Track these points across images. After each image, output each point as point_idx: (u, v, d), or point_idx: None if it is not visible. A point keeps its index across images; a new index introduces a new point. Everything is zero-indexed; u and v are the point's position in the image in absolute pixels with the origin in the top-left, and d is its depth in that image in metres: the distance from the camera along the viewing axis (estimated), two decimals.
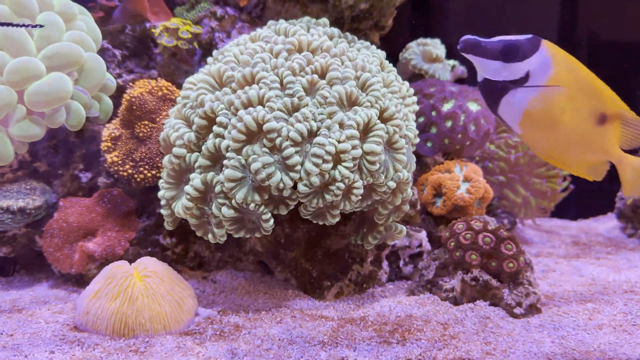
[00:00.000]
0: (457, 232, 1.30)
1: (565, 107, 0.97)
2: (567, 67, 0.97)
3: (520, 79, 0.97)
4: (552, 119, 0.98)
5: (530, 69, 0.97)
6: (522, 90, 0.97)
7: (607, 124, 1.00)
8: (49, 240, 1.35)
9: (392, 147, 1.18)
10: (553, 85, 0.96)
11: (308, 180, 1.10)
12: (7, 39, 1.24)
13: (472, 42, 0.96)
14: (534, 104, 0.97)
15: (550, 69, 0.96)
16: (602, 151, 1.01)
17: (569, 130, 0.99)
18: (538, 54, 0.96)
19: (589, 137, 1.00)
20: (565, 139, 1.00)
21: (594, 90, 0.98)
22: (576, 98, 0.97)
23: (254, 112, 1.11)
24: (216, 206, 1.15)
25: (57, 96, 1.23)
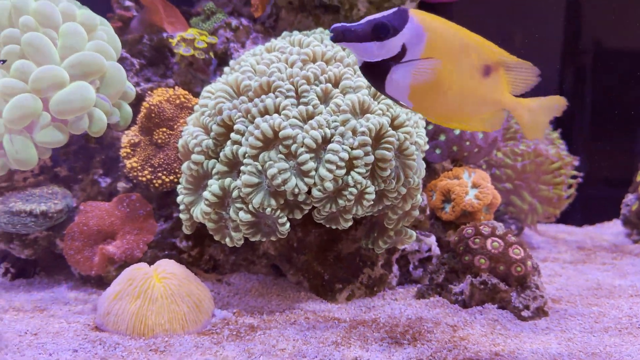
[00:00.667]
0: (466, 236, 1.33)
1: (447, 70, 0.96)
2: (439, 30, 0.96)
3: (398, 54, 0.95)
4: (439, 85, 0.97)
5: (405, 42, 0.94)
6: (403, 64, 0.95)
7: (492, 74, 0.99)
8: (69, 243, 1.38)
9: (402, 154, 1.21)
10: (427, 59, 0.94)
11: (322, 186, 1.13)
12: (32, 48, 1.28)
13: (342, 30, 0.93)
14: (417, 76, 0.96)
15: (423, 36, 0.94)
16: (495, 102, 1.00)
17: (457, 90, 0.98)
18: (409, 26, 0.94)
19: (479, 92, 0.99)
20: (456, 100, 0.99)
21: (471, 45, 0.97)
22: (455, 57, 0.96)
23: (270, 120, 1.14)
24: (234, 211, 1.18)
25: (80, 104, 1.27)
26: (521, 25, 2.29)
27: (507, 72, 0.99)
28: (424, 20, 0.94)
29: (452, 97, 0.98)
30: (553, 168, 1.68)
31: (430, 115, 1.05)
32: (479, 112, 1.02)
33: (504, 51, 0.99)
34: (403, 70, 0.95)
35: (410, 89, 0.97)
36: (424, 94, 0.98)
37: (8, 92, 1.25)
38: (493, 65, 0.98)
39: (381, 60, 0.94)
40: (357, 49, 0.95)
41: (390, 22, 0.93)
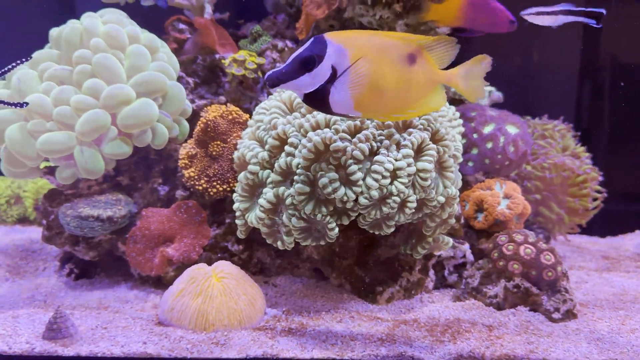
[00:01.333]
0: (500, 243, 1.41)
1: (376, 72, 1.03)
2: (357, 42, 1.03)
3: (330, 76, 1.02)
4: (375, 88, 1.04)
5: (332, 63, 1.02)
6: (338, 83, 1.03)
7: (417, 59, 1.07)
8: (132, 246, 1.49)
9: (441, 166, 1.30)
10: (354, 65, 1.02)
11: (368, 194, 1.22)
12: (102, 67, 1.40)
13: (275, 76, 1.01)
14: (354, 88, 1.04)
15: (346, 52, 1.02)
16: (429, 82, 1.08)
17: (393, 86, 1.06)
18: (330, 48, 1.01)
19: (412, 79, 1.07)
20: (396, 94, 1.07)
21: (389, 43, 1.05)
22: (380, 59, 1.04)
23: (322, 134, 1.24)
24: (287, 217, 1.28)
25: (145, 120, 1.38)
26: (541, 39, 2.36)
27: (431, 52, 1.08)
28: (341, 38, 1.03)
29: (391, 93, 1.07)
30: (579, 181, 1.75)
31: (379, 116, 1.14)
32: (419, 96, 1.10)
33: (420, 36, 1.08)
34: (340, 88, 1.04)
35: (353, 101, 1.06)
36: (366, 101, 1.06)
37: (81, 107, 1.37)
38: (415, 51, 1.07)
39: (318, 87, 1.03)
40: (294, 86, 1.03)
41: (312, 52, 1.01)
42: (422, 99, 1.11)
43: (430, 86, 1.10)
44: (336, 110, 1.07)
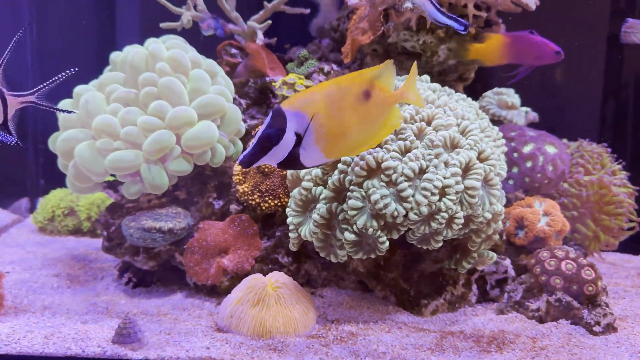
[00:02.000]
0: (542, 259, 1.45)
1: (337, 120, 1.09)
2: (312, 101, 1.08)
3: (296, 140, 1.08)
4: (340, 135, 1.11)
5: (295, 129, 1.07)
6: (304, 144, 1.09)
7: (372, 93, 1.12)
8: (190, 257, 1.57)
9: (488, 184, 1.35)
10: (314, 123, 1.07)
11: (418, 210, 1.28)
12: (168, 90, 1.49)
13: (246, 159, 1.07)
14: (320, 143, 1.09)
15: (304, 115, 1.07)
16: (387, 107, 1.15)
17: (356, 126, 1.12)
18: (289, 118, 1.06)
19: (372, 112, 1.13)
20: (361, 132, 1.13)
21: (342, 88, 1.10)
22: (338, 107, 1.09)
23: (374, 153, 1.30)
24: (339, 231, 1.34)
25: (207, 140, 1.47)
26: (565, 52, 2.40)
27: (380, 79, 1.14)
28: (298, 104, 1.08)
29: (356, 132, 1.14)
30: (615, 200, 1.78)
31: (350, 154, 1.21)
32: (381, 126, 1.17)
33: (368, 69, 1.14)
34: (307, 148, 1.10)
35: (323, 153, 1.12)
36: (335, 148, 1.13)
37: (148, 127, 1.45)
38: (368, 87, 1.13)
39: (289, 153, 1.09)
40: (267, 161, 1.09)
41: (274, 128, 1.07)
42: (383, 125, 1.18)
43: (387, 110, 1.17)
44: (310, 165, 1.14)
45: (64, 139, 1.51)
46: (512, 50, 1.60)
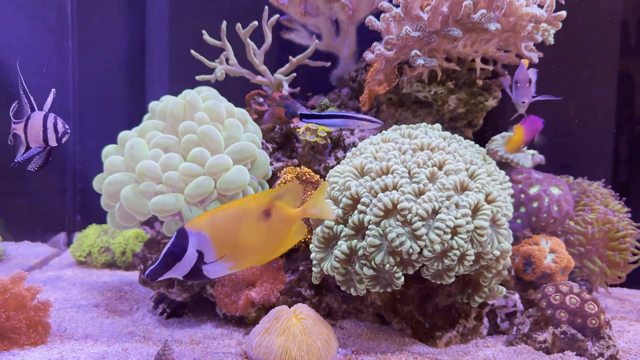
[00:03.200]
0: (548, 294, 1.52)
1: (237, 239, 1.18)
2: (213, 223, 1.17)
3: (198, 257, 1.16)
4: (241, 251, 1.19)
5: (197, 247, 1.15)
6: (207, 260, 1.17)
7: (272, 212, 1.22)
8: (220, 289, 1.67)
9: (495, 224, 1.44)
10: (215, 243, 1.16)
11: (432, 248, 1.37)
12: (207, 137, 1.62)
13: (152, 272, 1.14)
14: (222, 258, 1.18)
15: (205, 235, 1.16)
16: (289, 223, 1.24)
17: (257, 243, 1.21)
18: (191, 237, 1.15)
19: (272, 229, 1.22)
20: (263, 247, 1.23)
21: (242, 209, 1.19)
22: (237, 228, 1.18)
23: (390, 195, 1.41)
24: (359, 266, 1.43)
25: (240, 184, 1.58)
26: (575, 91, 2.49)
27: (283, 198, 1.24)
28: (201, 224, 1.17)
29: (257, 248, 1.22)
30: (619, 236, 1.85)
31: (255, 264, 1.28)
32: (283, 237, 1.26)
33: (270, 190, 1.25)
34: (210, 263, 1.18)
35: (226, 266, 1.20)
36: (238, 262, 1.21)
37: (189, 174, 1.58)
38: (268, 206, 1.22)
39: (191, 268, 1.17)
40: (172, 275, 1.17)
41: (177, 247, 1.15)
42: (287, 237, 1.27)
43: (290, 226, 1.26)
44: (214, 277, 1.22)
45: (109, 181, 1.64)
46: (527, 137, 1.86)
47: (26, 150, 1.44)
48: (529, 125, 1.85)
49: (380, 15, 1.73)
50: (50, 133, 1.41)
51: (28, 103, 1.44)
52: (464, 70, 1.78)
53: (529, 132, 1.84)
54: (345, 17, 2.04)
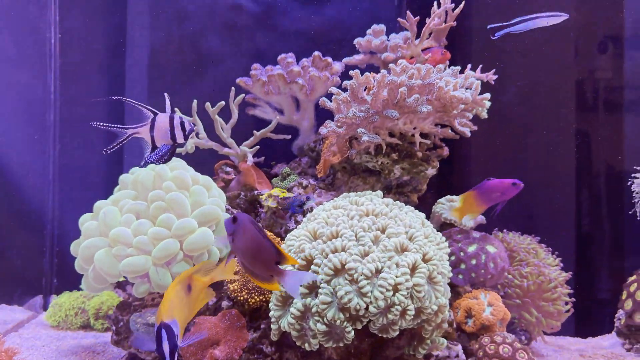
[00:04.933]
0: (484, 344, 1.63)
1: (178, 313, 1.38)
2: (169, 306, 1.37)
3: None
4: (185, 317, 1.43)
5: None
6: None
7: (192, 286, 1.46)
8: (186, 348, 1.74)
9: (432, 281, 1.57)
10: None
11: (376, 304, 1.48)
12: (175, 203, 1.74)
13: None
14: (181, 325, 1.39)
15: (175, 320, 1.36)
16: (202, 290, 1.50)
17: (187, 311, 1.43)
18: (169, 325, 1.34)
19: (193, 298, 1.46)
20: (190, 312, 1.46)
21: (176, 291, 1.41)
22: (178, 304, 1.39)
23: (339, 256, 1.53)
24: (313, 322, 1.53)
25: (205, 245, 1.69)
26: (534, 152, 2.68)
27: (200, 273, 1.50)
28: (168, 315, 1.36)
29: (188, 313, 1.46)
30: (551, 287, 2.00)
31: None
32: (202, 301, 1.51)
33: (193, 268, 1.49)
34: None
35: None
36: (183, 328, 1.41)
37: (157, 237, 1.69)
38: (188, 281, 1.45)
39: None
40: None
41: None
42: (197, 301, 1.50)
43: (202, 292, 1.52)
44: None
45: (85, 245, 1.74)
46: (483, 198, 1.86)
47: (152, 150, 1.56)
48: (485, 191, 1.85)
49: (332, 97, 1.91)
50: (178, 131, 1.55)
51: (148, 110, 1.58)
52: (406, 144, 1.96)
53: (485, 199, 1.85)
54: (303, 96, 2.23)
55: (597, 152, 2.60)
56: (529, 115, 2.61)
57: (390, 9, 2.68)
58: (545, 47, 2.58)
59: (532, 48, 2.58)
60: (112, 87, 3.05)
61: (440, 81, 1.77)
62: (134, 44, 2.86)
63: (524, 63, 2.60)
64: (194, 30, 2.72)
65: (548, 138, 2.63)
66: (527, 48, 2.56)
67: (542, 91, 2.61)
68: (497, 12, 2.60)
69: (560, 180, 2.65)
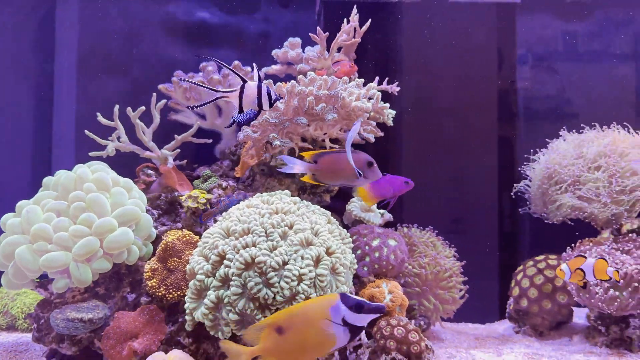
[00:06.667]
0: (381, 327, 1.81)
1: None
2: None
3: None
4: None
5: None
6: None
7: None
8: (106, 341, 1.81)
9: (335, 272, 1.73)
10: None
11: (282, 293, 1.63)
12: (95, 204, 1.81)
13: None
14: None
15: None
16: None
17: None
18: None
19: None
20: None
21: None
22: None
23: (249, 251, 1.66)
24: (225, 312, 1.66)
25: (124, 243, 1.78)
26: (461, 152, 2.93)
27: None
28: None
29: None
30: (447, 276, 2.22)
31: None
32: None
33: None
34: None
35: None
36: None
37: (77, 235, 1.75)
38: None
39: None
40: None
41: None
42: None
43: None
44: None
45: (7, 242, 1.78)
46: (377, 191, 2.05)
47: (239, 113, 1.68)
48: (379, 185, 2.10)
49: None
50: (265, 99, 1.66)
51: (239, 77, 1.68)
52: (317, 148, 2.13)
53: (377, 192, 2.09)
54: (224, 103, 2.34)
55: (500, 155, 2.89)
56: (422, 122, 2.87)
57: (313, 23, 2.85)
58: (448, 63, 2.86)
59: (427, 64, 2.84)
60: (41, 87, 3.05)
61: (344, 92, 1.94)
62: (62, 45, 2.87)
63: (425, 78, 2.86)
64: (124, 33, 2.77)
65: (458, 141, 2.89)
66: (426, 64, 2.82)
67: (443, 100, 2.88)
68: (409, 28, 2.83)
69: (457, 180, 2.93)
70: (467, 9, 2.82)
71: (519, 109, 2.92)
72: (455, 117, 2.86)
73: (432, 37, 2.88)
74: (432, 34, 2.84)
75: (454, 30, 2.85)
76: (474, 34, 2.86)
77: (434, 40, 2.87)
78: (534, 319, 2.34)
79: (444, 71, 2.86)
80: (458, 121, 2.87)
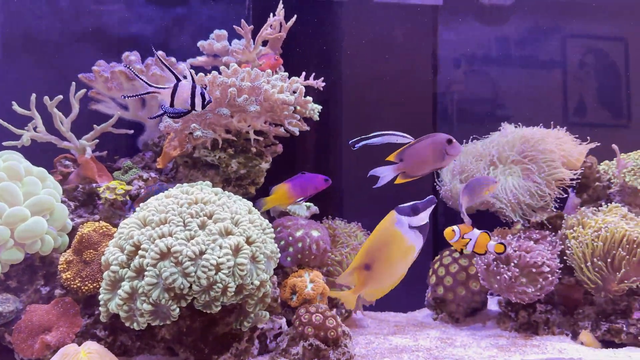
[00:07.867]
0: (300, 314, 1.86)
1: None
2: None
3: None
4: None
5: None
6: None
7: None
8: (17, 335, 1.75)
9: (255, 260, 1.76)
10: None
11: (199, 282, 1.63)
12: (6, 192, 1.75)
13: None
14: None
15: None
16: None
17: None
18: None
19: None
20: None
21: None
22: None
23: (165, 240, 1.66)
24: (139, 303, 1.64)
25: (37, 232, 1.72)
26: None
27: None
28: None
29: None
30: None
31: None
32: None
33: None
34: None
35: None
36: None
37: None
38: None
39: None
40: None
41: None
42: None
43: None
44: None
45: None
46: (296, 190, 2.08)
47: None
48: (298, 184, 2.16)
49: None
50: (197, 100, 1.66)
51: (173, 75, 1.66)
52: (242, 140, 2.14)
53: (297, 191, 2.13)
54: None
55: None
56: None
57: (242, 15, 2.86)
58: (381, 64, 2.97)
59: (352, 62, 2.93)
60: None
61: (267, 84, 1.97)
62: None
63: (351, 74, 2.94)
64: (47, 21, 2.67)
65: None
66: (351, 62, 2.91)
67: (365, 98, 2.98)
68: (336, 26, 2.90)
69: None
70: (391, 10, 2.92)
71: (437, 110, 3.06)
72: (378, 114, 2.96)
73: (357, 36, 2.96)
74: (358, 33, 2.92)
75: (379, 30, 2.94)
76: (397, 34, 2.97)
77: (359, 39, 2.95)
78: (450, 306, 2.46)
79: (369, 70, 2.95)
80: (382, 119, 2.97)
